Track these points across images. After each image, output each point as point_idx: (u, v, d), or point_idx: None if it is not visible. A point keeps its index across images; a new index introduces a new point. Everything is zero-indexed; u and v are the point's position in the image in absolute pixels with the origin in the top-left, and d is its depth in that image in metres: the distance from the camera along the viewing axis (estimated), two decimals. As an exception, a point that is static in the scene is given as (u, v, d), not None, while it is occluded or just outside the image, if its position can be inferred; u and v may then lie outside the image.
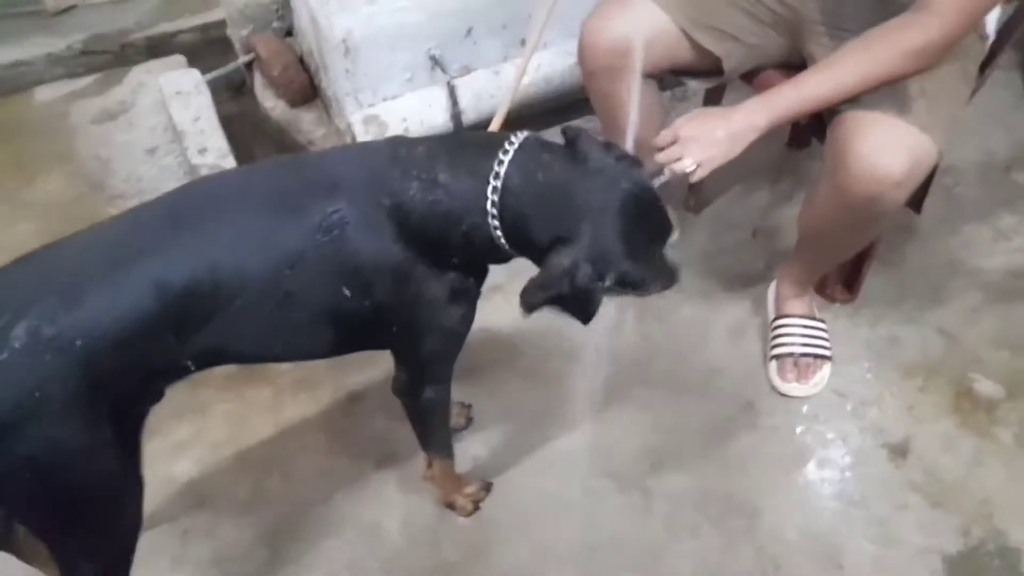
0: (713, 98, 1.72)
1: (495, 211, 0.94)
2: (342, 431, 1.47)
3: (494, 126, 1.29)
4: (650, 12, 1.38)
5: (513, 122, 1.20)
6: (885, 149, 1.16)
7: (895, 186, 1.18)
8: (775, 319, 1.58)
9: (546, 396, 1.52)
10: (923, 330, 1.60)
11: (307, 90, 2.02)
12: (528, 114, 1.76)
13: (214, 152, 1.83)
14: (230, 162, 1.83)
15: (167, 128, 2.04)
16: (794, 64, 1.42)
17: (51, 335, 0.81)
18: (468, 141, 1.05)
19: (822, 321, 1.57)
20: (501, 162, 0.94)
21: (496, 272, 1.07)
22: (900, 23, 1.13)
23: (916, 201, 1.71)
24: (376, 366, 1.48)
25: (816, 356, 1.52)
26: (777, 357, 1.53)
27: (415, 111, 1.81)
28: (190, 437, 1.43)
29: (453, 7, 1.74)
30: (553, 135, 1.03)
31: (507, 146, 0.95)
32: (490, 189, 0.93)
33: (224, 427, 1.46)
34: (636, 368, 1.57)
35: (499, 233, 0.95)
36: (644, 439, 1.46)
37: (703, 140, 1.14)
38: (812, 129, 1.49)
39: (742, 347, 1.60)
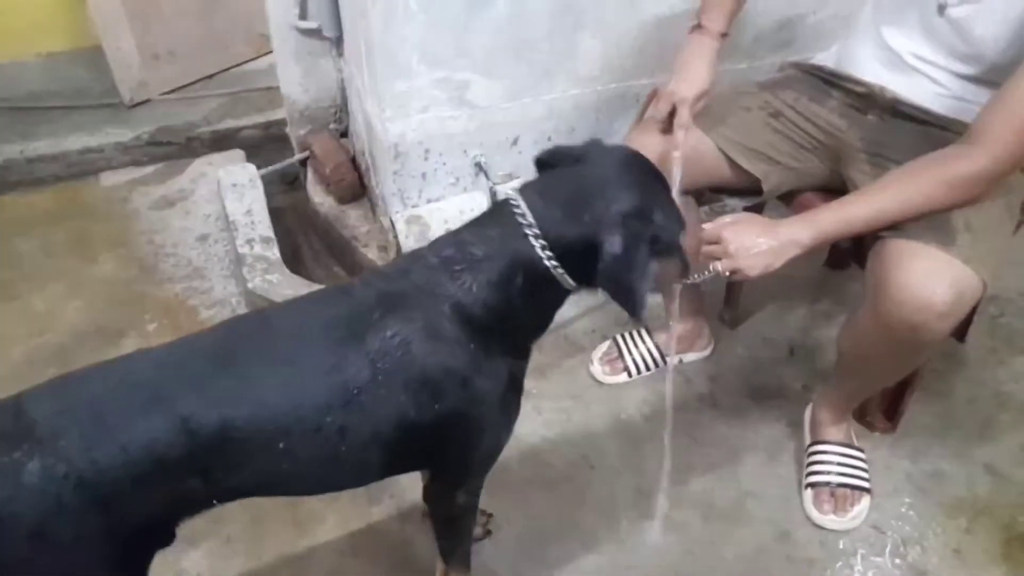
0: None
1: (542, 242, 0.95)
2: (358, 533, 1.44)
3: None
4: (691, 131, 1.42)
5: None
6: (929, 279, 1.14)
7: (939, 317, 1.15)
8: (811, 444, 1.52)
9: (571, 511, 1.47)
10: (969, 466, 1.53)
11: (356, 188, 2.10)
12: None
13: (260, 243, 1.89)
14: (275, 253, 1.89)
15: (219, 217, 2.13)
16: (834, 188, 1.42)
17: (64, 473, 0.79)
18: (475, 220, 1.04)
19: (860, 450, 1.51)
20: (517, 205, 0.96)
21: (525, 379, 1.06)
22: (947, 154, 1.13)
23: (960, 330, 1.66)
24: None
25: (854, 487, 1.46)
26: (813, 485, 1.47)
27: (456, 213, 1.86)
28: (205, 529, 1.41)
29: (502, 118, 1.81)
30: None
31: (511, 197, 0.99)
32: (526, 228, 0.95)
33: (241, 521, 1.44)
34: (667, 486, 1.51)
35: (554, 263, 0.95)
36: (673, 564, 1.39)
37: (745, 247, 1.14)
38: (851, 252, 1.48)
39: (777, 471, 1.54)
